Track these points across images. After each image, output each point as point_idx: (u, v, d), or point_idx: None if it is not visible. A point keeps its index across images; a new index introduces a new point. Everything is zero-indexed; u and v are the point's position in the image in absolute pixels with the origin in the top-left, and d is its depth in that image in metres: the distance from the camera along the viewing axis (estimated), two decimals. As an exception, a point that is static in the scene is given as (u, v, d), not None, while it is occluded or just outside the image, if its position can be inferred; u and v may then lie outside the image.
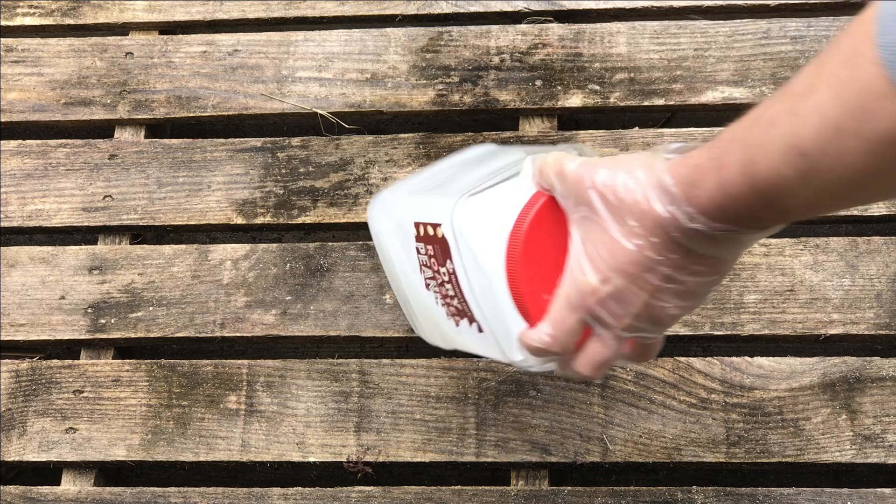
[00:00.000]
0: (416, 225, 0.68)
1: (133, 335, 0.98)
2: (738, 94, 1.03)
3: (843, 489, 0.88)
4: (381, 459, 0.92)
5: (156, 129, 1.11)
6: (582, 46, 1.07)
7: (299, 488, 0.92)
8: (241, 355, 1.07)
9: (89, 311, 1.00)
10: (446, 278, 0.66)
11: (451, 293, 0.67)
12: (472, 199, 0.65)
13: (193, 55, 1.11)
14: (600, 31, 1.07)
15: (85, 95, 1.11)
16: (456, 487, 0.90)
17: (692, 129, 1.02)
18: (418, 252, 0.68)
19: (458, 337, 0.71)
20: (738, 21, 1.07)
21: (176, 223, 1.03)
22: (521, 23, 1.10)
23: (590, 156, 0.63)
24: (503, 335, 0.65)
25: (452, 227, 0.64)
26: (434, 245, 0.66)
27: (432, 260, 0.67)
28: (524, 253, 0.61)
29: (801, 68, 0.51)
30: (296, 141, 1.06)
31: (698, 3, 1.08)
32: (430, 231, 0.66)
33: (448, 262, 0.65)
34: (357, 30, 1.11)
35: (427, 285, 0.70)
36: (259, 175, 1.04)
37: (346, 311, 0.97)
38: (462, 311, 0.68)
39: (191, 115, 1.09)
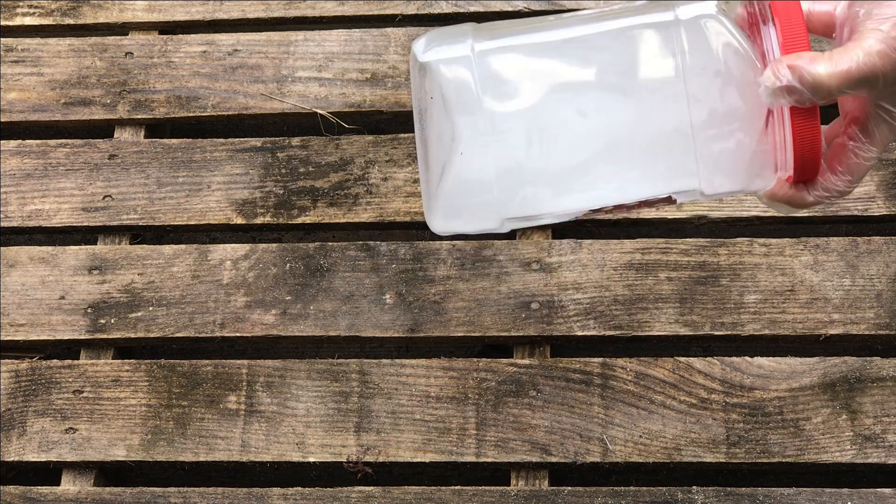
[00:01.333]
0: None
1: (133, 335, 0.98)
2: (738, 94, 1.03)
3: (843, 489, 0.88)
4: (381, 459, 0.92)
5: (156, 129, 1.11)
6: (582, 46, 1.07)
7: (299, 488, 0.92)
8: (241, 355, 1.07)
9: (89, 311, 1.00)
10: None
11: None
12: None
13: (193, 55, 1.11)
14: (600, 31, 1.07)
15: (85, 95, 1.11)
16: (456, 487, 0.90)
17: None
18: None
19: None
20: (738, 21, 1.07)
21: (176, 223, 1.03)
22: (521, 23, 1.10)
23: None
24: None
25: None
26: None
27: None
28: None
29: None
30: (296, 141, 1.06)
31: (698, 3, 1.08)
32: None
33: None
34: (357, 30, 1.11)
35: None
36: (259, 175, 1.04)
37: (346, 311, 0.97)
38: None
39: (191, 115, 1.09)
